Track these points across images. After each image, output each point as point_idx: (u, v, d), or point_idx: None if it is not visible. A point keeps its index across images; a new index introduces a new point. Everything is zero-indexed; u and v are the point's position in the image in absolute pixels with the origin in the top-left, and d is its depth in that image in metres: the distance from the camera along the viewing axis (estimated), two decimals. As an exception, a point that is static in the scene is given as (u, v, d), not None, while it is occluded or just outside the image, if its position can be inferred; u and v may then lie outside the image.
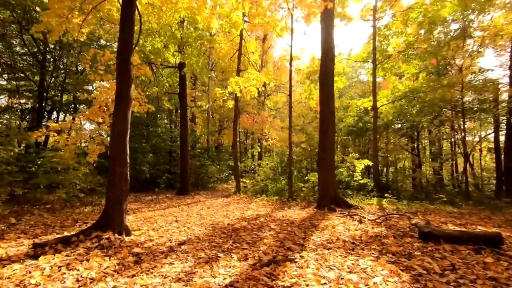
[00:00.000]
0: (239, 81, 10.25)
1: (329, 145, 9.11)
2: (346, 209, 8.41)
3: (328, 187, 8.88)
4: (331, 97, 9.31)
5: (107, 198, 4.74)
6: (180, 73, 12.69)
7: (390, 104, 13.63)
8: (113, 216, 4.62)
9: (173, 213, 7.85)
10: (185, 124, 13.25)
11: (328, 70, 9.32)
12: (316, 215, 7.46)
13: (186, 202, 10.43)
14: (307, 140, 17.87)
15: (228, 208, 8.96)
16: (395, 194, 10.95)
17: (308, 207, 9.33)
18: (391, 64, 13.56)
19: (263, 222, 6.43)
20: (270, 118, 21.31)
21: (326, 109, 9.27)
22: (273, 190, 11.88)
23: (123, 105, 4.91)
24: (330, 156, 9.09)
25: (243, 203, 10.28)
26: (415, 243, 4.44)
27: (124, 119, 4.88)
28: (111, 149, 4.84)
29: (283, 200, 10.65)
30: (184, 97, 13.09)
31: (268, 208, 9.08)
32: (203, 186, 16.13)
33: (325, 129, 9.17)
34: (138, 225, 5.84)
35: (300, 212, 8.22)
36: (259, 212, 8.28)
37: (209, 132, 20.72)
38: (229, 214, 7.78)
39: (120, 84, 4.95)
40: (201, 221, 6.57)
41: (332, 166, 9.14)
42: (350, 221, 6.37)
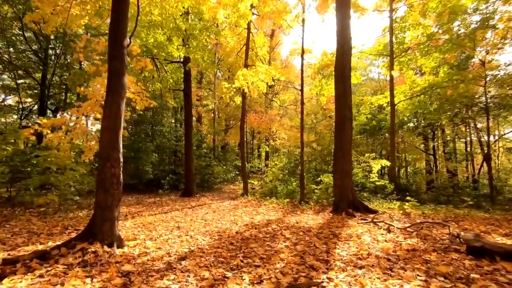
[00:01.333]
0: (247, 74, 9.53)
1: (345, 145, 8.31)
2: (365, 214, 7.62)
3: (345, 189, 8.09)
4: (348, 92, 8.51)
5: (95, 203, 4.05)
6: (185, 68, 12.04)
7: (408, 101, 12.74)
8: (102, 225, 3.94)
9: (176, 217, 7.16)
10: (190, 122, 12.59)
11: (344, 62, 8.53)
12: (334, 221, 6.69)
13: (190, 204, 9.75)
14: (318, 140, 17.08)
15: (236, 212, 8.24)
16: (414, 197, 10.10)
17: (323, 211, 8.56)
18: (409, 58, 12.68)
19: (276, 229, 5.68)
20: (278, 117, 20.55)
21: (342, 105, 8.47)
22: (284, 192, 11.12)
23: (116, 94, 4.23)
24: (347, 156, 8.30)
25: (252, 206, 9.54)
26: (464, 260, 3.63)
27: (116, 110, 4.20)
28: (101, 146, 4.16)
29: (295, 203, 9.88)
30: (189, 94, 12.44)
31: (279, 212, 8.34)
32: (208, 187, 15.46)
33: (341, 127, 8.38)
34: (134, 233, 5.15)
35: (315, 217, 7.46)
36: (270, 217, 7.54)
37: (215, 131, 20.05)
38: (237, 219, 7.06)
39: (112, 70, 4.27)
40: (206, 228, 5.86)
41: (349, 167, 8.34)
42: (376, 229, 5.58)
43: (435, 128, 16.75)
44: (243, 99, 11.70)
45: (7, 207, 7.62)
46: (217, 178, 17.05)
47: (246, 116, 13.59)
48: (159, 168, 14.84)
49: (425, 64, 12.52)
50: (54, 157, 7.48)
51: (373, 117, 17.20)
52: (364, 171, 11.85)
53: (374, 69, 28.32)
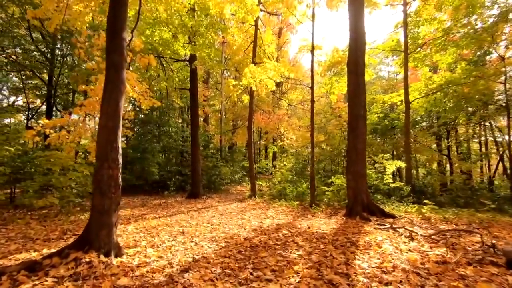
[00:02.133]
0: (255, 71, 9.15)
1: (359, 145, 7.86)
2: (382, 218, 7.15)
3: (359, 192, 7.63)
4: (362, 89, 8.06)
5: (91, 208, 3.73)
6: (191, 66, 11.73)
7: (423, 99, 12.17)
8: (99, 231, 3.60)
9: (181, 221, 6.82)
10: (196, 122, 12.28)
11: (358, 57, 8.08)
12: (349, 226, 6.25)
13: (196, 207, 9.42)
14: (327, 140, 16.58)
15: (244, 215, 7.86)
16: (430, 200, 9.55)
17: (335, 214, 8.12)
18: (424, 54, 12.11)
19: (287, 236, 5.28)
20: (286, 117, 20.11)
21: (355, 103, 8.02)
22: (293, 194, 10.69)
23: (115, 90, 3.90)
24: (360, 157, 7.84)
25: (260, 209, 9.15)
26: (506, 275, 3.17)
27: (115, 107, 3.87)
28: (98, 145, 3.83)
29: (305, 206, 9.45)
30: (195, 93, 12.13)
31: (289, 216, 7.92)
32: (215, 189, 15.12)
33: (355, 126, 7.93)
34: (136, 239, 4.82)
35: (327, 221, 7.03)
36: (280, 220, 7.14)
37: (222, 131, 19.73)
38: (245, 223, 6.68)
39: (111, 64, 3.95)
40: (212, 233, 5.49)
41: (363, 168, 7.88)
42: (396, 236, 5.12)
43: (450, 127, 16.07)
44: (251, 98, 11.33)
45: (9, 209, 7.41)
46: (224, 179, 16.71)
47: (253, 116, 13.21)
48: (165, 169, 14.59)
49: (441, 60, 11.95)
50: (56, 158, 7.24)
51: (384, 116, 16.62)
52: (377, 172, 11.33)
53: (383, 67, 27.64)
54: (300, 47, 11.14)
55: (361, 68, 8.10)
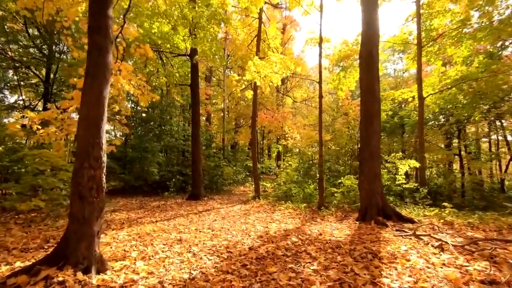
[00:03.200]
0: (260, 65, 8.56)
1: (373, 142, 7.23)
2: (399, 223, 6.53)
3: (373, 194, 7.01)
4: (376, 83, 7.42)
5: (69, 215, 3.16)
6: (192, 61, 11.16)
7: (437, 95, 11.49)
8: (77, 243, 3.03)
9: (179, 225, 6.24)
10: (197, 119, 11.71)
11: (371, 48, 7.45)
12: (364, 232, 5.63)
13: (197, 209, 8.84)
14: (334, 138, 15.94)
15: (248, 219, 7.27)
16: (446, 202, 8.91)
17: (346, 218, 7.51)
18: (437, 47, 11.44)
19: (297, 244, 4.67)
20: (291, 115, 19.49)
21: (369, 98, 7.39)
22: (300, 196, 10.07)
23: (98, 75, 3.33)
24: (375, 156, 7.21)
25: (265, 211, 8.56)
26: None
27: (97, 95, 3.30)
28: (77, 141, 3.26)
29: (313, 208, 8.84)
30: (196, 89, 11.56)
31: (297, 220, 7.32)
32: (217, 189, 14.55)
33: (369, 123, 7.30)
34: (126, 248, 4.24)
35: (339, 226, 6.43)
36: (287, 225, 6.54)
37: (224, 130, 19.15)
38: (250, 228, 6.08)
39: (93, 46, 3.38)
40: (213, 240, 4.90)
41: (378, 168, 7.25)
42: (422, 246, 4.49)
43: (463, 125, 15.37)
44: (255, 93, 10.72)
45: (-4, 212, 6.88)
46: (227, 180, 16.13)
47: (257, 113, 12.61)
48: (166, 169, 14.03)
49: (456, 54, 11.26)
50: (45, 157, 6.69)
51: (394, 114, 15.96)
52: (389, 173, 10.68)
53: (389, 65, 26.91)
54: (307, 39, 10.53)
55: (374, 60, 7.47)
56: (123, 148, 14.24)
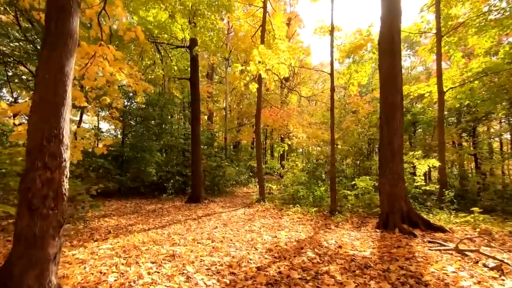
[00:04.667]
0: (265, 54, 7.71)
1: (396, 140, 6.36)
2: (429, 232, 5.67)
3: (396, 198, 6.14)
4: (398, 71, 6.55)
5: (14, 234, 2.32)
6: (191, 53, 10.33)
7: (457, 89, 10.58)
8: (24, 273, 2.20)
9: (175, 235, 5.40)
10: (197, 116, 10.88)
11: (393, 32, 6.59)
12: (391, 243, 4.77)
13: (196, 214, 8.00)
14: (342, 137, 15.07)
15: (253, 226, 6.42)
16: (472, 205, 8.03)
17: (364, 225, 6.66)
18: (458, 37, 10.53)
19: (316, 262, 3.82)
20: (296, 113, 18.62)
21: (390, 88, 6.52)
22: (310, 199, 9.20)
23: (57, 45, 2.50)
24: (398, 155, 6.34)
25: (272, 217, 7.70)
26: None
27: (56, 72, 2.47)
28: (28, 132, 2.43)
29: (325, 213, 7.98)
30: (196, 83, 10.73)
31: (308, 227, 6.47)
32: (219, 191, 13.71)
33: (390, 117, 6.43)
34: (102, 270, 3.39)
35: (359, 235, 5.57)
36: (298, 234, 5.69)
37: (226, 128, 18.31)
38: (256, 238, 5.23)
39: (53, 7, 2.54)
40: (212, 256, 4.05)
41: (401, 169, 6.38)
42: (473, 265, 3.62)
43: (480, 123, 14.45)
44: (260, 87, 9.86)
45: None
46: (229, 180, 15.28)
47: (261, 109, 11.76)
48: (165, 170, 13.21)
49: (479, 44, 10.34)
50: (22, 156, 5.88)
51: (406, 111, 15.04)
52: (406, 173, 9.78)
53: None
54: (316, 29, 9.68)
55: (397, 46, 6.60)
56: (120, 147, 13.47)
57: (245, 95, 25.42)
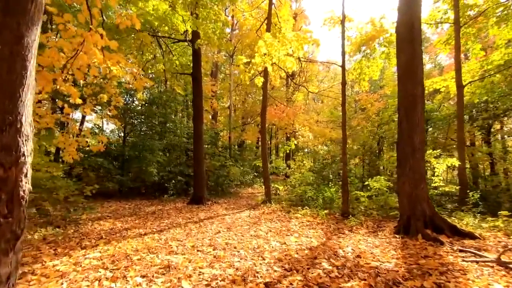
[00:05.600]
0: (272, 44, 7.16)
1: (417, 135, 5.75)
2: (455, 238, 5.06)
3: (418, 200, 5.55)
4: (419, 61, 5.95)
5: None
6: (193, 47, 9.83)
7: (477, 83, 9.91)
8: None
9: (173, 241, 4.88)
10: (200, 113, 10.38)
11: (412, 17, 5.98)
12: (416, 252, 4.20)
13: (198, 216, 7.48)
14: (351, 136, 14.44)
15: (259, 230, 5.87)
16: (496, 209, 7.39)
17: (380, 229, 6.07)
18: (478, 27, 9.86)
19: (333, 275, 3.26)
20: (302, 111, 18.02)
21: (410, 78, 5.92)
22: (319, 201, 8.62)
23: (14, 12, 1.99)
24: (419, 152, 5.74)
25: (279, 220, 7.14)
26: None
27: (13, 46, 1.95)
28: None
29: (336, 216, 7.40)
30: (198, 79, 10.23)
31: (319, 231, 5.91)
32: (223, 192, 13.20)
33: (410, 111, 5.83)
34: (83, 286, 2.88)
35: (377, 241, 4.99)
36: (309, 239, 5.13)
37: (231, 127, 17.79)
38: (263, 245, 4.68)
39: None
40: (213, 268, 3.52)
41: (423, 168, 5.79)
42: (524, 282, 3.03)
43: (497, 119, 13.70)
44: (265, 81, 9.30)
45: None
46: (233, 181, 14.75)
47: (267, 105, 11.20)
48: (167, 169, 12.73)
49: (500, 35, 9.65)
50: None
51: (419, 108, 14.35)
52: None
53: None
54: (325, 19, 9.12)
55: (417, 33, 5.98)
56: (121, 147, 13.05)
57: (249, 94, 24.92)
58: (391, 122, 13.16)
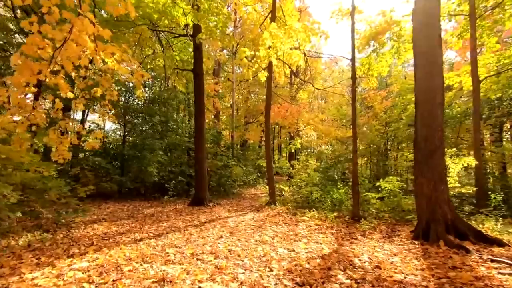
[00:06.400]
0: (277, 36, 6.72)
1: (436, 133, 5.28)
2: (481, 244, 4.59)
3: (438, 202, 5.08)
4: (438, 49, 5.46)
5: None
6: (195, 42, 9.41)
7: (493, 78, 9.40)
8: None
9: (170, 247, 4.45)
10: (202, 110, 9.95)
11: (432, 3, 5.51)
12: (442, 262, 3.74)
13: (199, 219, 7.05)
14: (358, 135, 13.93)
15: (264, 235, 5.43)
16: None
17: (395, 234, 5.62)
18: (494, 19, 9.35)
19: (354, 292, 2.81)
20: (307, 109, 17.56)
21: (428, 69, 5.45)
22: (328, 203, 8.15)
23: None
24: (439, 151, 5.26)
25: (285, 223, 6.69)
26: None
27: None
28: None
29: (346, 219, 6.94)
30: (200, 75, 9.81)
31: (330, 236, 5.47)
32: (225, 192, 12.76)
33: (428, 106, 5.37)
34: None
35: (395, 248, 4.55)
36: (320, 246, 4.68)
37: (233, 126, 17.36)
38: (269, 252, 4.24)
39: None
40: (213, 280, 3.08)
41: (443, 168, 5.31)
42: None
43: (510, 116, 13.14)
44: (269, 76, 8.85)
45: None
46: (236, 181, 14.31)
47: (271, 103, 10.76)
48: (167, 169, 12.31)
49: (517, 28, 9.15)
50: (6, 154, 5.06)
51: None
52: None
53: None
54: (333, 11, 8.67)
55: (436, 17, 5.50)
56: (120, 145, 12.67)
57: (252, 92, 24.48)
58: (400, 120, 12.68)
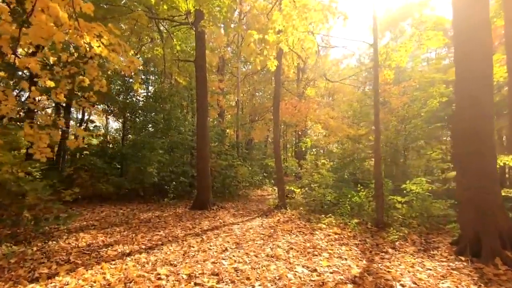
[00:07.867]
0: (290, 16, 5.87)
1: (484, 125, 4.37)
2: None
3: (489, 210, 4.16)
4: (487, 24, 4.54)
5: None
6: (196, 30, 8.59)
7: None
8: None
9: (163, 265, 3.62)
10: (204, 105, 9.13)
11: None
12: None
13: (200, 226, 6.21)
14: (371, 132, 12.98)
15: (277, 248, 4.56)
16: None
17: (432, 247, 4.72)
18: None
19: None
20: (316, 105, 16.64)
21: (473, 51, 4.53)
22: (347, 207, 7.23)
23: None
24: (488, 147, 4.34)
25: (299, 231, 5.81)
26: None
27: None
28: None
29: (369, 227, 6.05)
30: (202, 67, 8.99)
31: (354, 249, 4.59)
32: (230, 194, 11.92)
33: (474, 93, 4.45)
34: None
35: (439, 268, 3.70)
36: (346, 263, 3.81)
37: (238, 123, 16.51)
38: (285, 274, 3.37)
39: None
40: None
41: (493, 167, 4.38)
42: None
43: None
44: (279, 65, 7.98)
45: None
46: (242, 182, 13.45)
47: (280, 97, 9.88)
48: (168, 169, 11.51)
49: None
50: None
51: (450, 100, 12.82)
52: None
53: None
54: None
55: None
56: (118, 144, 11.93)
57: (258, 90, 23.62)
58: (418, 117, 11.72)
